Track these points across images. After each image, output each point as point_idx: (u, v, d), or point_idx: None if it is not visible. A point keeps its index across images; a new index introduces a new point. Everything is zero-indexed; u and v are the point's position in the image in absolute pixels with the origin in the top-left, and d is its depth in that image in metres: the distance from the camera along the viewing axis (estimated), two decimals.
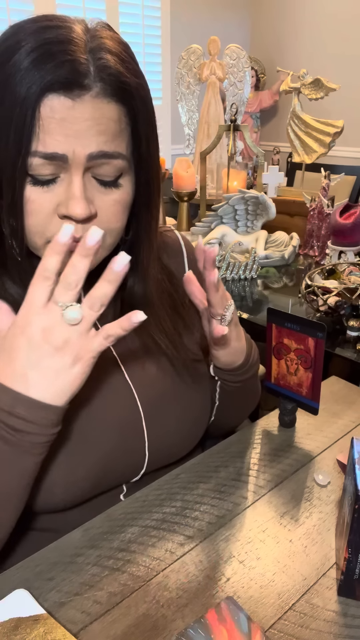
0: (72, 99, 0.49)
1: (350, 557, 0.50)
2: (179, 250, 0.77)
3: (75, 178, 0.51)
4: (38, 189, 0.52)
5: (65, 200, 0.52)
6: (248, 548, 0.58)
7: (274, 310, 0.74)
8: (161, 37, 3.50)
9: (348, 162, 3.33)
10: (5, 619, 0.48)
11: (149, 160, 0.58)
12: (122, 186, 0.56)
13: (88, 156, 0.51)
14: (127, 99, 0.53)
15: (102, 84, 0.50)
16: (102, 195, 0.54)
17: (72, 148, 0.50)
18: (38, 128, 0.49)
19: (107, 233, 0.55)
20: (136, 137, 0.55)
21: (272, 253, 1.69)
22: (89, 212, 0.52)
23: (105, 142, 0.51)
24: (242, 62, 2.29)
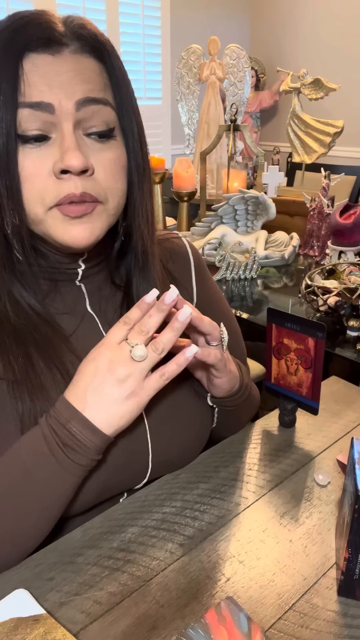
0: (52, 54, 0.52)
1: (350, 557, 0.50)
2: (185, 258, 0.76)
3: (66, 131, 0.52)
4: (31, 152, 0.52)
5: (61, 156, 0.51)
6: (248, 548, 0.58)
7: (274, 310, 0.74)
8: (161, 37, 3.50)
9: (348, 162, 3.33)
10: (5, 619, 0.48)
11: (134, 122, 0.58)
12: (115, 144, 0.56)
13: (76, 103, 0.51)
14: (107, 57, 0.55)
15: (80, 41, 0.53)
16: (97, 153, 0.54)
17: (58, 98, 0.51)
18: (22, 83, 0.50)
19: (108, 193, 0.55)
20: (118, 95, 0.56)
21: (272, 253, 1.69)
22: (85, 163, 0.52)
23: (92, 90, 0.53)
24: (242, 62, 2.29)
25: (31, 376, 0.57)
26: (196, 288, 0.75)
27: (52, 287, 0.62)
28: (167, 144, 3.76)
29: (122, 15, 3.24)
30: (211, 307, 0.77)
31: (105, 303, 0.66)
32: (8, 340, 0.57)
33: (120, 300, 0.67)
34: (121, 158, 0.57)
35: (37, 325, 0.59)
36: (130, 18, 3.29)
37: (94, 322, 0.65)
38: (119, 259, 0.66)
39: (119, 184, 0.57)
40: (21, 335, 0.58)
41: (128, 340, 0.54)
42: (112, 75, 0.55)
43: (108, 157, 0.55)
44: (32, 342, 0.58)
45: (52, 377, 0.58)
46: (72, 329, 0.63)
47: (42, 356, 0.58)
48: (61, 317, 0.62)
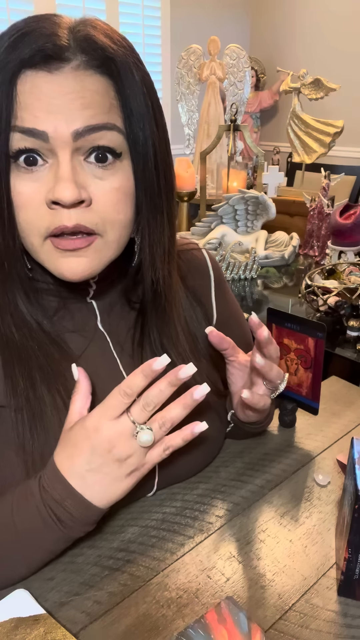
0: (50, 71, 0.46)
1: (350, 557, 0.50)
2: (205, 272, 0.71)
3: (62, 159, 0.47)
4: (24, 177, 0.48)
5: (53, 186, 0.47)
6: (248, 548, 0.58)
7: (274, 310, 0.74)
8: (161, 37, 3.50)
9: (348, 162, 3.33)
10: (5, 619, 0.48)
11: (149, 142, 0.51)
12: (121, 169, 0.50)
13: (74, 133, 0.46)
14: (115, 72, 0.49)
15: (84, 56, 0.47)
16: (98, 181, 0.49)
17: (54, 125, 0.46)
18: (16, 104, 0.46)
19: (106, 225, 0.51)
20: (129, 115, 0.50)
21: (272, 253, 1.69)
22: (77, 195, 0.47)
23: (93, 116, 0.47)
24: (242, 62, 2.29)
25: (32, 403, 0.54)
26: (215, 304, 0.72)
27: (61, 305, 0.59)
28: None
29: (122, 15, 3.24)
30: (229, 322, 0.74)
31: (118, 321, 0.63)
32: (12, 362, 0.55)
33: (134, 320, 0.63)
34: (126, 186, 0.51)
35: (43, 345, 0.56)
36: (130, 18, 3.29)
37: (104, 342, 0.61)
38: (136, 276, 0.61)
39: (121, 215, 0.51)
40: (26, 356, 0.55)
41: (131, 416, 0.49)
42: (121, 92, 0.49)
43: (110, 185, 0.50)
44: (37, 365, 0.55)
45: (53, 403, 0.55)
46: (81, 349, 0.59)
47: (45, 380, 0.55)
48: (70, 335, 0.59)
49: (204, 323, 0.69)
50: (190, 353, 0.64)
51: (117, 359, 0.62)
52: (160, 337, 0.63)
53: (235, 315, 0.77)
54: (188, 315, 0.67)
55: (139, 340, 0.63)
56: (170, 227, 0.58)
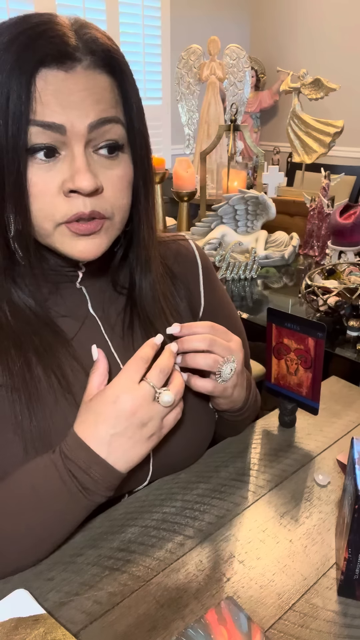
0: (65, 70, 0.50)
1: (350, 557, 0.50)
2: (193, 261, 0.75)
3: (77, 151, 0.51)
4: (40, 168, 0.51)
5: (70, 176, 0.51)
6: (248, 548, 0.58)
7: (274, 310, 0.74)
8: (161, 37, 3.50)
9: (348, 162, 3.33)
10: (5, 619, 0.48)
11: (141, 134, 0.58)
12: (124, 160, 0.56)
13: (89, 126, 0.51)
14: (117, 71, 0.54)
15: (92, 56, 0.52)
16: (106, 171, 0.54)
17: (71, 120, 0.50)
18: (35, 101, 0.49)
19: (114, 210, 0.56)
20: (128, 110, 0.56)
21: (272, 253, 1.69)
22: (96, 184, 0.52)
23: (104, 110, 0.52)
24: (242, 62, 2.29)
25: (28, 383, 0.57)
26: (204, 291, 0.75)
27: (53, 290, 0.62)
28: (167, 144, 3.76)
29: (122, 15, 3.24)
30: (217, 311, 0.76)
31: (108, 305, 0.66)
32: (7, 344, 0.57)
33: (124, 304, 0.67)
34: (128, 174, 0.57)
35: (38, 328, 0.59)
36: (130, 18, 3.29)
37: (96, 325, 0.64)
38: (120, 262, 0.66)
39: (125, 200, 0.57)
40: (21, 339, 0.58)
41: (150, 381, 0.54)
42: (122, 90, 0.55)
43: (116, 174, 0.55)
44: (32, 347, 0.58)
45: (49, 383, 0.58)
46: (74, 332, 0.62)
47: (40, 362, 0.58)
48: (62, 319, 0.62)
49: (190, 308, 0.72)
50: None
51: (108, 341, 0.65)
52: (148, 317, 0.66)
53: (224, 303, 0.79)
54: (170, 293, 0.70)
55: (129, 323, 0.66)
56: (154, 210, 0.64)
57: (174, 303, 0.70)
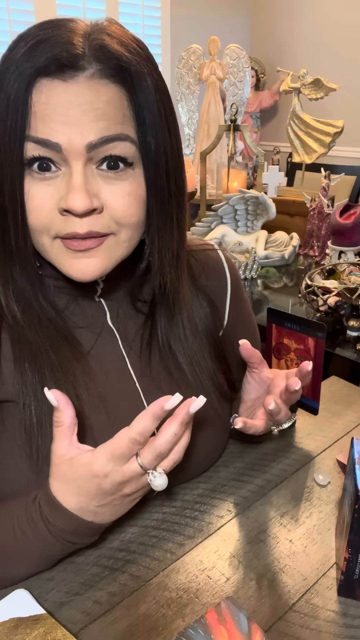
0: (65, 80, 0.46)
1: (350, 557, 0.50)
2: (221, 273, 0.71)
3: (75, 169, 0.48)
4: (37, 183, 0.49)
5: (66, 194, 0.48)
6: (248, 548, 0.58)
7: (274, 310, 0.74)
8: (161, 37, 3.50)
9: (348, 162, 3.33)
10: (5, 619, 0.48)
11: (160, 150, 0.52)
12: (133, 176, 0.51)
13: (87, 146, 0.47)
14: (128, 81, 0.49)
15: (98, 64, 0.47)
16: (110, 187, 0.50)
17: (68, 137, 0.47)
18: (31, 115, 0.46)
19: (120, 226, 0.52)
20: (141, 124, 0.50)
21: (272, 253, 1.69)
22: (89, 205, 0.48)
23: (107, 128, 0.48)
24: (242, 62, 2.29)
25: (40, 399, 0.54)
26: (229, 307, 0.72)
27: (72, 301, 0.60)
28: None
29: (122, 15, 3.24)
30: (240, 326, 0.73)
31: (126, 320, 0.63)
32: (23, 358, 0.55)
33: (143, 321, 0.64)
34: (137, 190, 0.51)
35: (55, 342, 0.56)
36: (130, 18, 3.29)
37: (113, 338, 0.62)
38: (145, 275, 0.61)
39: (133, 218, 0.52)
40: (37, 352, 0.55)
41: (141, 461, 0.47)
42: (134, 100, 0.50)
43: (122, 189, 0.50)
44: (47, 362, 0.55)
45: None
46: (91, 344, 0.60)
47: (53, 377, 0.55)
48: (79, 331, 0.60)
49: (213, 324, 0.68)
50: (198, 355, 0.64)
51: (125, 357, 0.62)
52: (168, 340, 0.63)
53: (247, 320, 0.76)
54: (197, 316, 0.66)
55: (147, 341, 0.63)
56: (180, 232, 0.58)
57: (198, 324, 0.66)
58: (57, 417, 0.49)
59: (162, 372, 0.63)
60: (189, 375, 0.63)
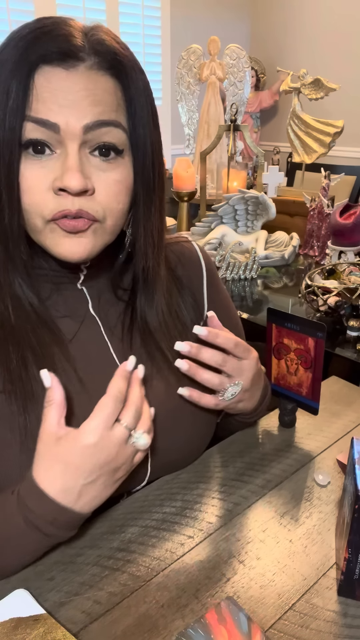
0: (66, 69, 0.50)
1: (350, 557, 0.50)
2: (196, 263, 0.74)
3: (70, 150, 0.51)
4: (33, 163, 0.51)
5: (61, 174, 0.51)
6: (248, 548, 0.58)
7: (274, 310, 0.74)
8: (161, 37, 3.50)
9: (348, 162, 3.33)
10: (5, 619, 0.48)
11: (148, 142, 0.56)
12: (122, 164, 0.55)
13: (84, 127, 0.50)
14: (123, 75, 0.53)
15: (97, 57, 0.51)
16: (101, 173, 0.53)
17: (66, 119, 0.50)
18: (32, 96, 0.49)
19: (106, 213, 0.54)
20: (132, 115, 0.55)
21: (272, 253, 1.69)
22: (84, 184, 0.51)
23: (102, 112, 0.51)
24: (242, 62, 2.29)
25: (24, 381, 0.56)
26: (207, 295, 0.74)
27: (54, 290, 0.62)
28: (167, 144, 3.76)
29: (122, 15, 3.24)
30: (219, 312, 0.73)
31: (108, 307, 0.65)
32: (6, 341, 0.57)
33: (124, 308, 0.66)
34: (126, 179, 0.55)
35: (36, 327, 0.58)
36: (130, 18, 3.29)
37: (96, 325, 0.64)
38: (124, 267, 0.65)
39: (120, 205, 0.56)
40: (19, 336, 0.57)
41: (124, 423, 0.51)
42: (127, 94, 0.54)
43: (112, 177, 0.54)
44: (29, 346, 0.57)
45: (43, 384, 0.56)
46: (73, 333, 0.62)
47: (36, 361, 0.57)
48: (62, 320, 0.62)
49: (192, 311, 0.71)
50: (179, 338, 0.66)
51: (108, 342, 0.64)
52: (147, 323, 0.65)
53: (226, 306, 0.78)
54: (176, 303, 0.69)
55: (129, 326, 0.66)
56: (161, 221, 0.62)
57: (179, 314, 0.69)
58: (49, 396, 0.52)
59: (144, 355, 0.65)
60: (170, 358, 0.64)
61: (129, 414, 0.52)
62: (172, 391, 0.65)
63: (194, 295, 0.72)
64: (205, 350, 0.60)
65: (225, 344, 0.61)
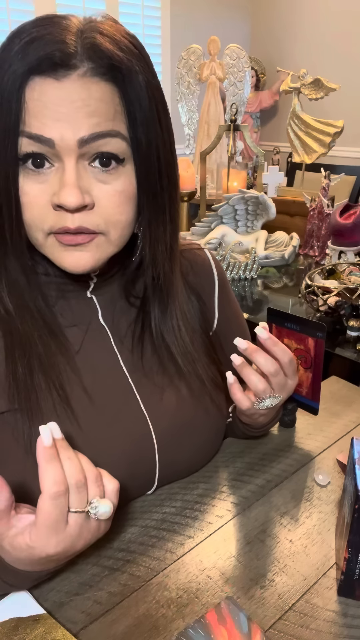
0: (57, 79, 0.47)
1: (350, 557, 0.50)
2: (208, 272, 0.72)
3: (67, 165, 0.49)
4: (32, 179, 0.50)
5: (58, 190, 0.49)
6: (248, 548, 0.58)
7: (274, 310, 0.74)
8: (161, 37, 3.50)
9: (348, 162, 3.33)
10: (5, 619, 0.48)
11: (152, 147, 0.53)
12: (124, 173, 0.52)
13: (79, 141, 0.48)
14: (120, 79, 0.49)
15: (90, 63, 0.48)
16: (102, 185, 0.51)
17: (60, 133, 0.48)
18: (24, 111, 0.47)
19: (109, 226, 0.52)
20: (133, 121, 0.51)
21: (272, 253, 1.69)
22: (82, 201, 0.49)
23: (98, 124, 0.49)
24: (242, 62, 2.29)
25: (29, 389, 0.55)
26: (218, 304, 0.73)
27: (61, 297, 0.61)
28: None
29: (122, 15, 3.24)
30: (231, 322, 0.75)
31: (119, 316, 0.64)
32: (14, 348, 0.56)
33: (135, 316, 0.64)
34: (128, 188, 0.53)
35: (42, 335, 0.57)
36: (130, 18, 3.29)
37: (105, 336, 0.62)
38: (137, 271, 0.63)
39: (123, 215, 0.53)
40: (26, 343, 0.56)
41: (76, 509, 0.45)
42: (126, 98, 0.50)
43: (113, 188, 0.51)
44: (35, 353, 0.56)
45: (48, 392, 0.56)
46: (80, 342, 0.60)
47: (41, 369, 0.56)
48: (69, 329, 0.60)
49: (203, 320, 0.70)
50: (191, 347, 0.65)
51: (117, 354, 0.63)
52: (161, 332, 0.64)
53: (236, 316, 0.78)
54: (188, 310, 0.68)
55: (139, 335, 0.64)
56: (173, 225, 0.59)
57: (188, 317, 0.67)
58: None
59: (154, 366, 0.64)
60: (182, 365, 0.64)
61: (75, 497, 0.45)
62: (183, 403, 0.64)
63: (204, 303, 0.71)
64: (261, 354, 0.60)
65: (282, 356, 0.61)
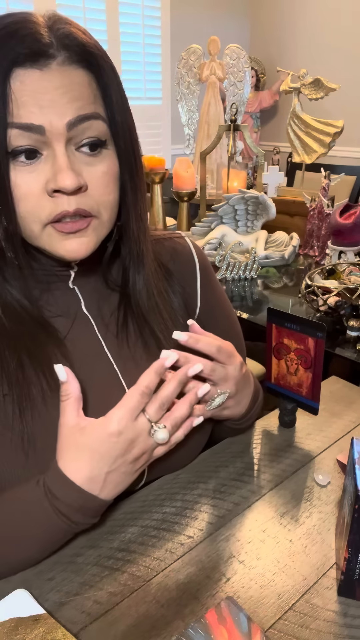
0: (39, 68, 0.50)
1: (350, 557, 0.50)
2: (189, 259, 0.74)
3: (58, 151, 0.51)
4: (22, 170, 0.51)
5: (53, 176, 0.51)
6: (248, 548, 0.58)
7: (274, 310, 0.74)
8: (161, 37, 3.50)
9: (348, 162, 3.33)
10: (5, 619, 0.48)
11: (125, 127, 0.57)
12: (107, 155, 0.55)
13: (67, 124, 0.50)
14: (94, 66, 0.53)
15: (66, 52, 0.51)
16: (89, 168, 0.54)
17: (49, 119, 0.50)
18: (11, 102, 0.49)
19: (100, 207, 0.55)
20: (109, 104, 0.55)
21: (272, 253, 1.69)
22: (79, 182, 0.51)
23: (82, 107, 0.51)
24: (242, 62, 2.29)
25: (21, 384, 0.57)
26: (200, 291, 0.74)
27: (45, 290, 0.62)
28: (167, 144, 3.75)
29: (122, 15, 3.24)
30: (215, 310, 0.76)
31: (102, 304, 0.66)
32: (2, 346, 0.57)
33: (117, 301, 0.66)
34: (113, 169, 0.56)
35: (31, 328, 0.59)
36: (130, 18, 3.29)
37: (89, 324, 0.64)
38: (112, 259, 0.65)
39: (111, 196, 0.56)
40: (15, 339, 0.57)
41: (148, 415, 0.53)
42: (101, 84, 0.54)
43: (100, 170, 0.54)
44: (25, 348, 0.58)
45: (39, 384, 0.57)
46: (66, 331, 0.62)
47: (33, 363, 0.57)
48: (55, 319, 0.62)
49: (185, 307, 0.71)
50: (172, 326, 0.66)
51: (101, 340, 0.65)
52: (143, 314, 0.66)
53: (221, 303, 0.78)
54: (164, 288, 0.69)
55: (123, 320, 0.66)
56: (144, 202, 0.63)
57: (168, 300, 0.69)
58: (65, 390, 0.53)
59: (139, 350, 0.65)
60: (166, 346, 0.64)
61: (153, 407, 0.53)
62: None
63: (186, 291, 0.72)
64: (194, 357, 0.59)
65: (206, 349, 0.61)
